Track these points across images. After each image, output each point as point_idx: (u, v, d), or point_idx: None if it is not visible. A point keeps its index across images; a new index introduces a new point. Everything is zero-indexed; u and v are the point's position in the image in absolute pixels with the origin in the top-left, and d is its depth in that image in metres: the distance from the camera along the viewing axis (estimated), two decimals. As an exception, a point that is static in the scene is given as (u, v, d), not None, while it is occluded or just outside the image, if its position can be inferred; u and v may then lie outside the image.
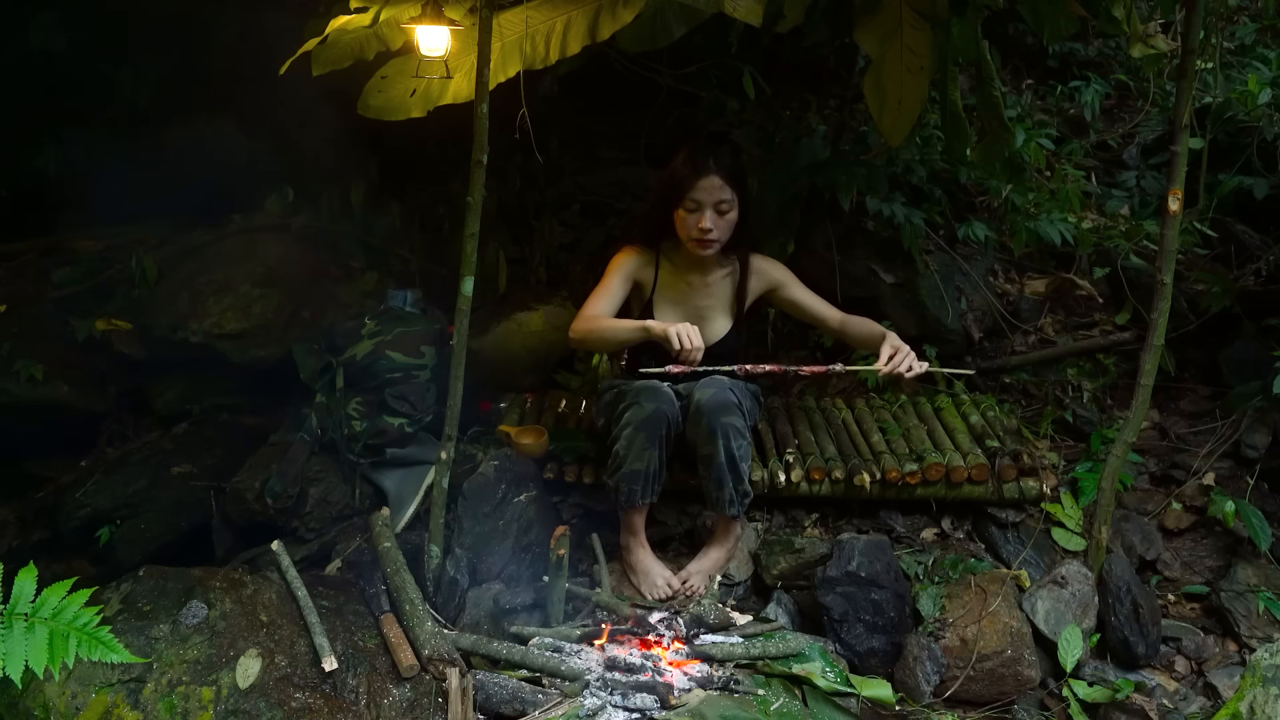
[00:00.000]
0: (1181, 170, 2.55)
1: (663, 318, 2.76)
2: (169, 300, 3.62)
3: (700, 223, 2.62)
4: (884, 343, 2.55)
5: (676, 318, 2.78)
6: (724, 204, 2.63)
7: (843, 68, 3.88)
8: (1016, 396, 3.50)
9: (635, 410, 2.56)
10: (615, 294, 2.72)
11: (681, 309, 2.80)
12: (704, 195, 2.61)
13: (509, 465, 2.81)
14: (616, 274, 2.75)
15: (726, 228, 2.67)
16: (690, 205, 2.63)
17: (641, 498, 2.61)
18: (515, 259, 3.77)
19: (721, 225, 2.65)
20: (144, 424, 3.69)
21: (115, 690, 2.05)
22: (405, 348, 3.16)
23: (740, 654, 2.34)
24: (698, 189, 2.61)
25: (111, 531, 3.22)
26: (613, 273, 2.75)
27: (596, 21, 2.43)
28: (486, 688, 2.19)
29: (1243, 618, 2.74)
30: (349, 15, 2.45)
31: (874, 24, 2.66)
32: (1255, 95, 3.66)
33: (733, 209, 2.65)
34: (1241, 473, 3.09)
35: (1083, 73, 4.42)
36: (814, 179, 3.46)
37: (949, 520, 2.99)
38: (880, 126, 2.91)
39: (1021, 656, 2.50)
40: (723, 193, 2.61)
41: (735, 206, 2.65)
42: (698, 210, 2.63)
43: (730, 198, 2.63)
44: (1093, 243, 3.64)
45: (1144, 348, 2.65)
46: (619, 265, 2.77)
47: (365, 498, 3.07)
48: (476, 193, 2.42)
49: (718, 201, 2.62)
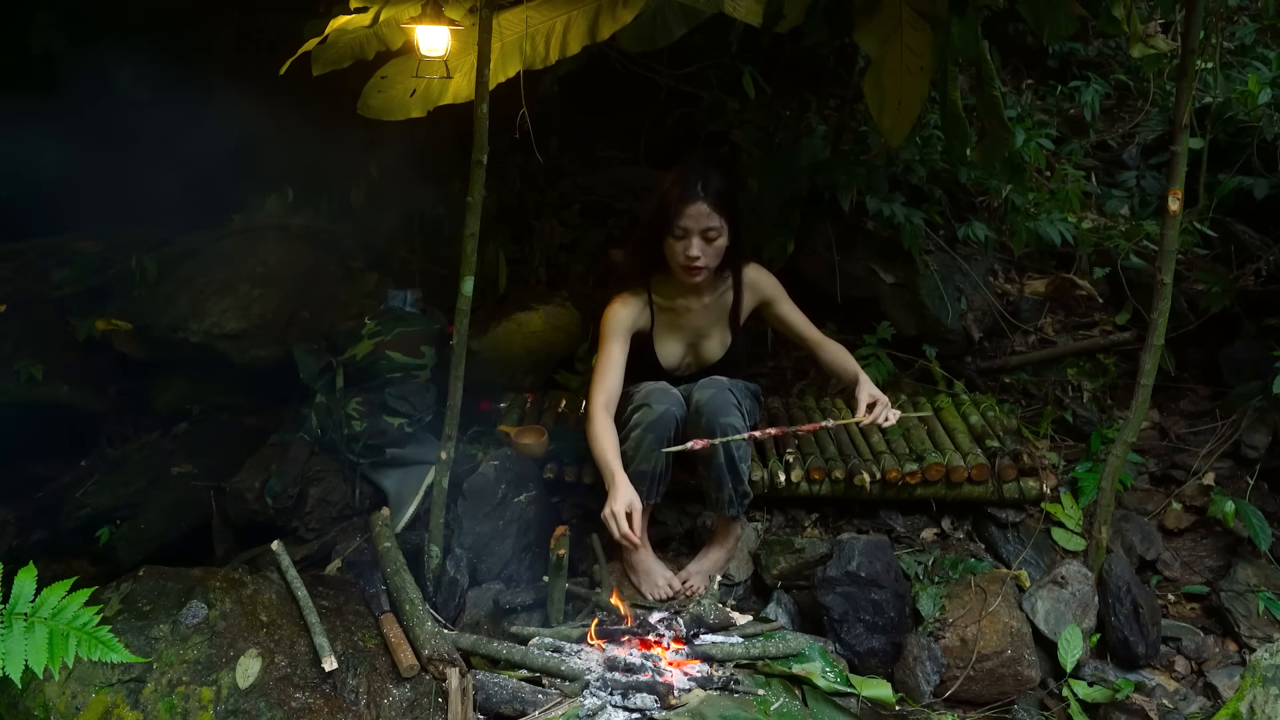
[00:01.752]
0: (1181, 170, 2.55)
1: (664, 349, 2.77)
2: (169, 300, 3.62)
3: (688, 250, 2.58)
4: (860, 389, 2.59)
5: (677, 345, 2.80)
6: (711, 231, 2.58)
7: (843, 68, 3.89)
8: (1016, 396, 3.50)
9: (645, 412, 2.56)
10: (617, 361, 2.65)
11: (681, 335, 2.79)
12: (691, 223, 2.56)
13: (509, 465, 2.81)
14: (613, 337, 2.67)
15: (715, 254, 2.62)
16: (678, 233, 2.59)
17: (646, 498, 2.60)
18: (515, 259, 3.77)
19: (709, 252, 2.60)
20: (144, 424, 3.69)
21: (115, 690, 2.05)
22: (405, 348, 3.16)
23: (740, 654, 2.34)
24: (685, 216, 2.56)
25: (111, 531, 3.22)
26: (608, 337, 2.67)
27: (596, 21, 2.43)
28: (486, 688, 2.19)
29: (1243, 618, 2.74)
30: (349, 15, 2.45)
31: (874, 24, 2.66)
32: (1255, 95, 3.66)
33: (721, 235, 2.60)
34: (1241, 473, 3.09)
35: (1083, 73, 4.43)
36: (814, 179, 3.46)
37: (949, 520, 2.99)
38: (880, 126, 2.91)
39: (1021, 656, 2.49)
40: (710, 220, 2.56)
41: (724, 233, 2.60)
42: (685, 238, 2.58)
43: (718, 224, 2.58)
44: (1093, 243, 3.64)
45: (1144, 348, 2.65)
46: (613, 325, 2.68)
47: (365, 498, 3.07)
48: (476, 193, 2.42)
49: (705, 229, 2.57)
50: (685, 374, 2.83)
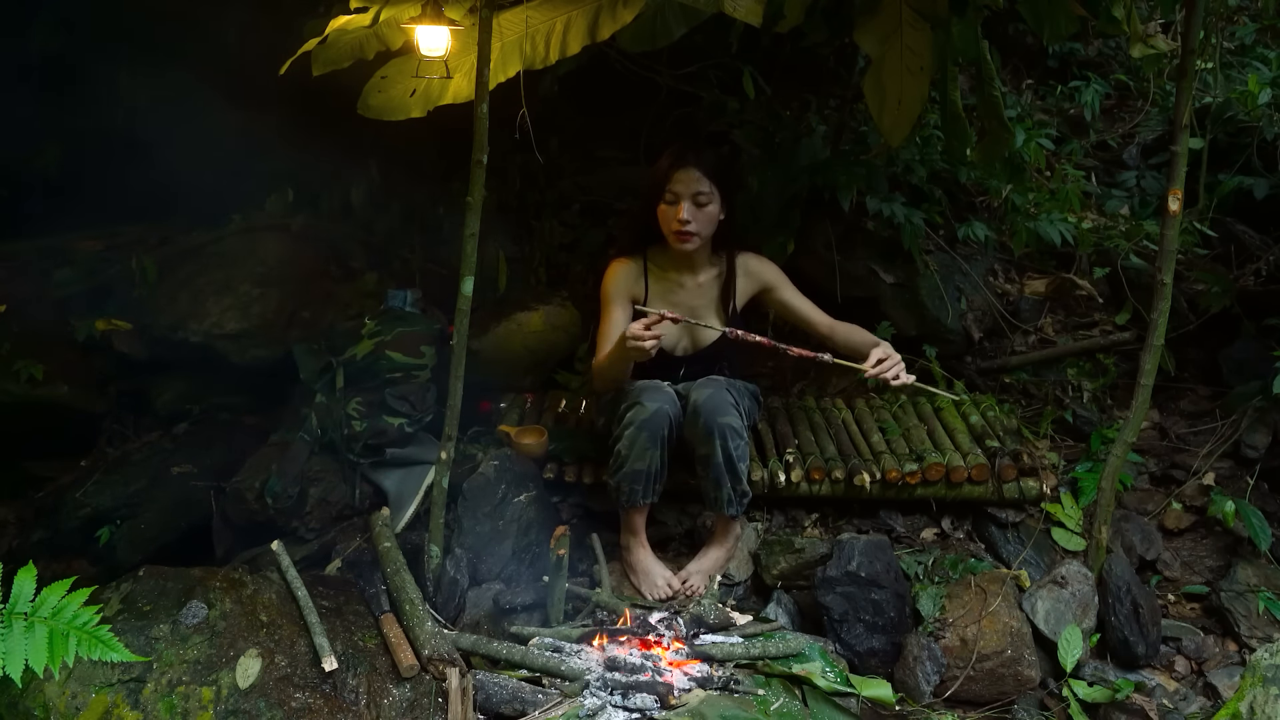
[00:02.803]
0: (1181, 170, 2.55)
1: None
2: (169, 300, 3.62)
3: (678, 214, 2.64)
4: (872, 347, 2.55)
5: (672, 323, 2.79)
6: (701, 195, 2.65)
7: (843, 68, 3.88)
8: (1016, 396, 3.50)
9: (637, 410, 2.57)
10: (619, 325, 2.69)
11: (675, 311, 2.79)
12: (681, 187, 2.64)
13: (509, 465, 2.81)
14: (614, 300, 2.75)
15: (706, 220, 2.68)
16: (669, 197, 2.67)
17: (643, 498, 2.61)
18: (515, 259, 3.77)
19: (700, 217, 2.67)
20: (144, 424, 3.69)
21: (115, 690, 2.05)
22: (405, 348, 3.16)
23: (740, 654, 2.34)
24: (675, 180, 2.65)
25: (111, 531, 3.22)
26: (609, 300, 2.76)
27: (596, 21, 2.43)
28: (486, 688, 2.19)
29: (1243, 618, 2.74)
30: (349, 15, 2.45)
31: (874, 24, 2.66)
32: (1255, 95, 3.66)
33: (712, 201, 2.67)
34: (1241, 473, 3.09)
35: (1083, 73, 4.42)
36: (814, 179, 3.46)
37: (949, 520, 2.99)
38: (880, 126, 2.91)
39: (1021, 656, 2.49)
40: (700, 184, 2.64)
41: (715, 200, 2.67)
42: (676, 202, 2.66)
43: (708, 189, 2.65)
44: (1093, 243, 3.64)
45: (1144, 348, 2.65)
46: (613, 287, 2.76)
47: (365, 498, 3.06)
48: (476, 193, 2.42)
49: (695, 193, 2.64)
50: (683, 356, 2.83)
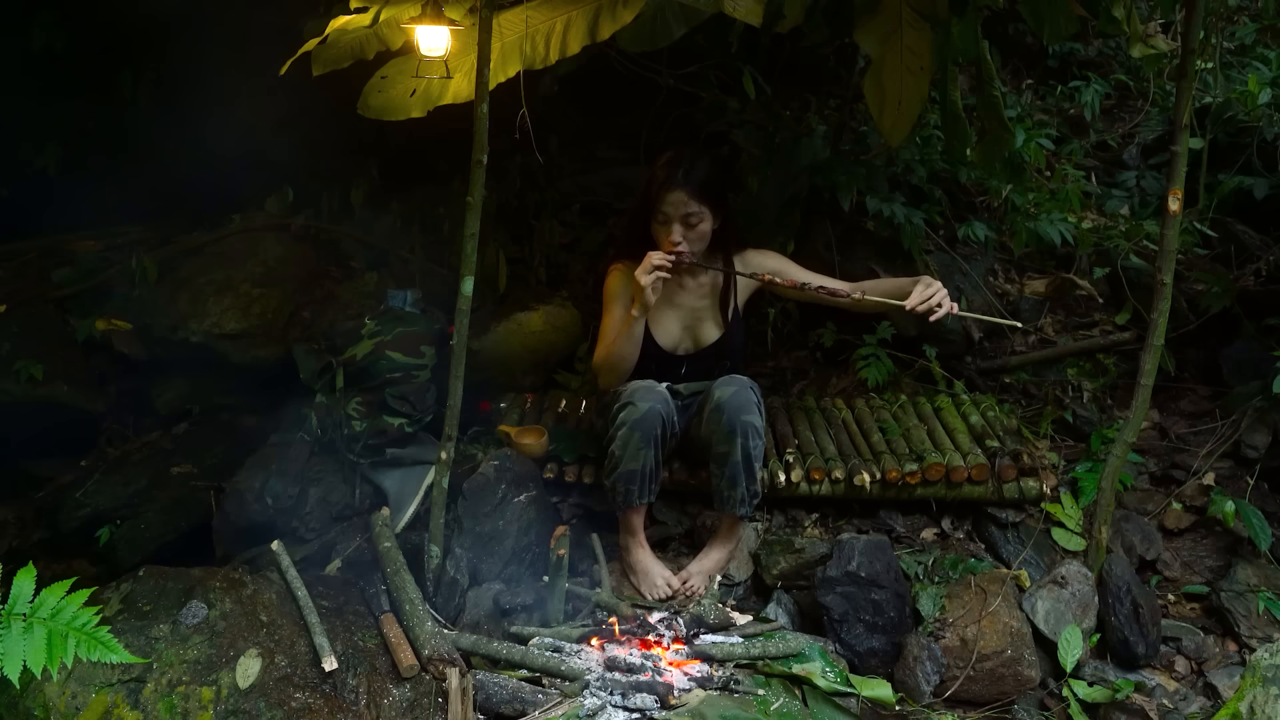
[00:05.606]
0: (1181, 170, 2.55)
1: (659, 323, 2.77)
2: (169, 300, 3.61)
3: (670, 235, 2.63)
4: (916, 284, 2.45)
5: (673, 323, 2.80)
6: (692, 217, 2.62)
7: (843, 68, 3.89)
8: (1016, 396, 3.50)
9: (629, 410, 2.56)
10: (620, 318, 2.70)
11: (676, 314, 2.80)
12: (671, 209, 2.62)
13: (509, 465, 2.80)
14: (615, 302, 2.73)
15: (698, 239, 2.66)
16: (660, 218, 2.65)
17: (639, 498, 2.61)
18: (515, 259, 3.76)
19: (692, 238, 2.64)
20: (144, 424, 3.69)
21: (115, 690, 2.05)
22: (405, 348, 3.16)
23: (740, 654, 2.34)
24: (665, 202, 2.62)
25: (111, 531, 3.21)
26: (610, 302, 2.74)
27: (596, 21, 2.43)
28: (486, 688, 2.19)
29: (1243, 618, 2.74)
30: (349, 15, 2.45)
31: (874, 24, 2.66)
32: (1255, 95, 3.66)
33: (703, 220, 2.64)
34: (1241, 473, 3.09)
35: (1083, 73, 4.43)
36: (814, 179, 3.46)
37: (949, 520, 2.99)
38: (880, 126, 2.91)
39: (1021, 656, 2.49)
40: (688, 206, 2.60)
41: (706, 218, 2.64)
42: (667, 223, 2.63)
43: (698, 210, 2.62)
44: (1093, 243, 3.64)
45: (1144, 348, 2.65)
46: (613, 291, 2.75)
47: (365, 498, 3.06)
48: (476, 193, 2.42)
49: (685, 215, 2.61)
50: (684, 355, 2.83)
